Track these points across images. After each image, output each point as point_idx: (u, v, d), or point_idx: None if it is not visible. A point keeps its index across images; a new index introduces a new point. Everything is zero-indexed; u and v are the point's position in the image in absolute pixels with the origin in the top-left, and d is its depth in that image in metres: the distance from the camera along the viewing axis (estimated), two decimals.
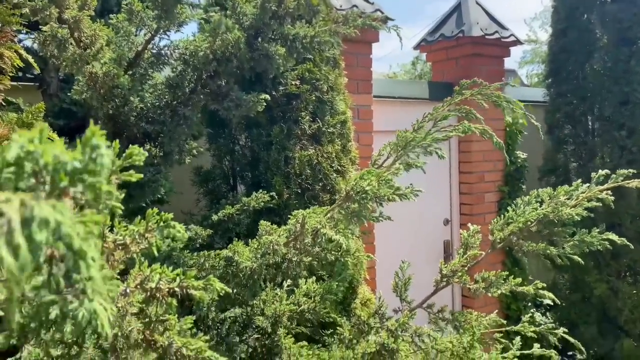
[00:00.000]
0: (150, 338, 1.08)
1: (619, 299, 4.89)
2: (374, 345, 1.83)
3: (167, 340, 1.05)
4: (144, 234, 0.99)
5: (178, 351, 1.05)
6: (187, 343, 1.04)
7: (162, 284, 1.03)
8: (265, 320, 1.98)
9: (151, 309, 1.10)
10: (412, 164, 1.72)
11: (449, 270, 1.93)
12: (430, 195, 5.17)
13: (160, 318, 1.10)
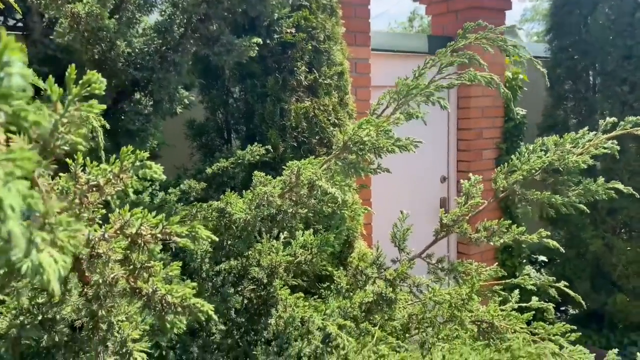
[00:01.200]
0: (135, 285, 1.02)
1: (613, 254, 4.91)
2: (371, 295, 1.79)
3: (151, 287, 1.00)
4: (119, 175, 0.91)
5: (163, 298, 0.99)
6: (171, 290, 0.99)
7: (143, 230, 0.96)
8: (260, 271, 1.93)
9: (134, 256, 1.04)
10: (414, 114, 1.64)
11: (449, 219, 1.88)
12: (427, 152, 5.10)
13: (144, 265, 1.04)
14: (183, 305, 1.01)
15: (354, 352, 1.46)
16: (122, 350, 1.14)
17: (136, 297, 1.05)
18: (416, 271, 2.07)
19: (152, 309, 1.04)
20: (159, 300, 1.03)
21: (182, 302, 1.01)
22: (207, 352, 1.87)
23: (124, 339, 1.16)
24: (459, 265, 2.01)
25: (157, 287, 1.01)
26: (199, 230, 0.97)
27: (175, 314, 1.02)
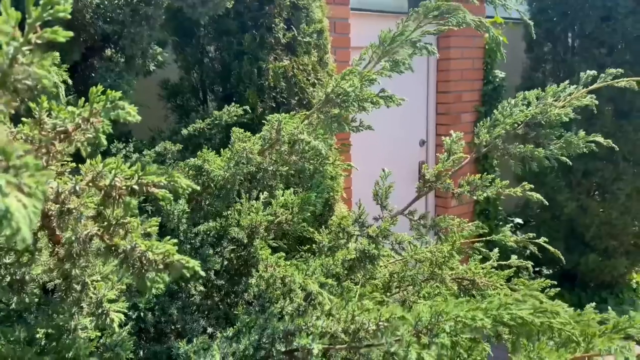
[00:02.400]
0: (111, 243, 0.97)
1: (587, 216, 5.01)
2: (354, 252, 1.77)
3: (129, 244, 0.94)
4: (89, 119, 0.84)
5: (142, 256, 0.94)
6: (152, 246, 0.93)
7: (117, 181, 0.90)
8: (240, 231, 1.89)
9: (109, 211, 0.98)
10: (400, 61, 1.58)
11: (431, 175, 1.85)
12: (406, 116, 5.06)
13: (120, 221, 0.98)
14: (165, 263, 0.96)
15: (338, 308, 1.44)
16: (97, 311, 1.10)
17: (112, 255, 0.99)
18: (398, 229, 2.06)
19: (131, 267, 0.99)
20: (138, 257, 0.98)
21: (165, 258, 0.96)
22: (187, 314, 1.84)
23: (99, 300, 1.11)
24: (441, 221, 2.00)
25: (136, 243, 0.96)
26: (177, 179, 0.91)
27: (157, 272, 0.97)
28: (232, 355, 1.49)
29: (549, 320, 1.17)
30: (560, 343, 1.22)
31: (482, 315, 1.17)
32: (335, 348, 1.40)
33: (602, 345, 1.12)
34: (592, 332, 1.21)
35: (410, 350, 1.15)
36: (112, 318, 1.06)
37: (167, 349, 1.68)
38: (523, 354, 1.13)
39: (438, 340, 1.17)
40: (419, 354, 1.14)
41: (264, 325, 1.49)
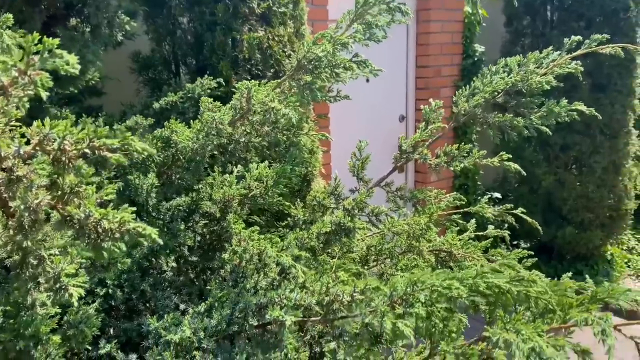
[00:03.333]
0: (64, 212, 0.90)
1: (564, 189, 5.05)
2: (329, 225, 1.73)
3: (83, 212, 0.88)
4: (26, 71, 0.77)
5: (98, 224, 0.88)
6: (107, 214, 0.87)
7: (66, 145, 0.83)
8: (213, 205, 1.83)
9: (61, 180, 0.91)
10: (373, 23, 1.51)
11: (408, 145, 1.81)
12: (386, 91, 5.01)
13: (75, 189, 0.92)
14: (121, 231, 0.90)
15: (312, 281, 1.40)
16: (55, 286, 1.04)
17: (67, 225, 0.93)
18: (375, 202, 2.02)
19: (86, 237, 0.93)
20: (93, 226, 0.92)
21: (120, 226, 0.90)
22: (159, 290, 1.79)
23: (57, 274, 1.05)
24: (419, 193, 1.97)
25: (90, 211, 0.90)
26: (132, 142, 0.85)
27: (113, 241, 0.91)
28: (203, 330, 1.45)
29: (526, 289, 1.14)
30: (537, 313, 1.20)
31: (458, 284, 1.14)
32: (310, 320, 1.37)
33: (579, 316, 1.11)
34: (569, 302, 1.20)
35: (384, 321, 1.12)
36: (71, 293, 1.00)
37: (137, 326, 1.63)
38: (499, 325, 1.11)
39: (413, 310, 1.14)
40: (393, 324, 1.11)
41: (236, 300, 1.45)
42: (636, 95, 5.07)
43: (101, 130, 0.84)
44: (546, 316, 1.19)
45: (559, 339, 1.08)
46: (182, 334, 1.41)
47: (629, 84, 4.96)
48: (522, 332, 1.05)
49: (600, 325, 1.07)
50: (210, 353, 1.39)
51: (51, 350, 1.25)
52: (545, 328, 1.13)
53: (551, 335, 1.12)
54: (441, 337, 1.18)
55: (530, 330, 1.05)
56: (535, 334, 1.05)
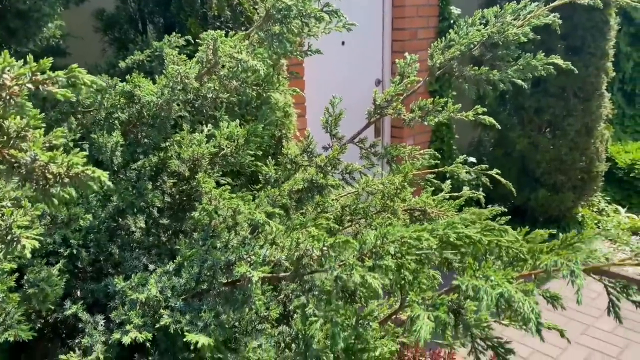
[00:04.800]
0: (9, 157, 0.84)
1: (538, 152, 5.10)
2: (301, 182, 1.70)
3: (30, 156, 0.82)
4: None
5: (45, 169, 0.82)
6: (54, 158, 0.82)
7: (6, 79, 0.77)
8: (182, 164, 1.78)
9: (6, 123, 0.85)
10: None
11: (382, 99, 1.77)
12: (361, 54, 4.93)
13: (21, 133, 0.86)
14: (70, 175, 0.85)
15: (282, 236, 1.37)
16: (7, 237, 0.98)
17: (14, 171, 0.87)
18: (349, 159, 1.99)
19: (34, 183, 0.88)
20: (40, 171, 0.86)
21: (69, 171, 0.84)
22: (126, 251, 1.74)
23: (8, 226, 0.99)
24: (392, 149, 1.94)
25: (36, 154, 0.84)
26: (79, 75, 0.79)
27: (62, 186, 0.86)
28: (171, 289, 1.42)
29: (497, 238, 1.14)
30: (507, 262, 1.20)
31: (428, 235, 1.13)
32: (279, 276, 1.35)
33: (548, 260, 1.11)
34: (540, 249, 1.20)
35: (353, 273, 1.10)
36: (24, 244, 0.95)
37: (104, 287, 1.59)
38: (469, 273, 1.10)
39: (382, 262, 1.13)
40: (362, 276, 1.09)
41: (205, 257, 1.42)
42: (609, 58, 5.09)
43: (44, 62, 0.78)
44: (517, 264, 1.19)
45: (528, 285, 1.08)
46: (148, 292, 1.38)
47: (602, 46, 4.97)
48: (491, 278, 1.04)
49: (569, 267, 1.07)
50: (178, 311, 1.36)
51: (10, 309, 1.20)
52: (515, 275, 1.13)
53: (521, 282, 1.12)
54: (411, 289, 1.17)
55: (499, 277, 1.05)
56: (504, 280, 1.04)
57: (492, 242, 1.14)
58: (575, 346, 4.31)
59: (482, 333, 1.27)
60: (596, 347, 4.26)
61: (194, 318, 1.33)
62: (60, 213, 1.40)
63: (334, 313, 1.15)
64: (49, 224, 1.39)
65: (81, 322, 1.51)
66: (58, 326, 1.68)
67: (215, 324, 1.31)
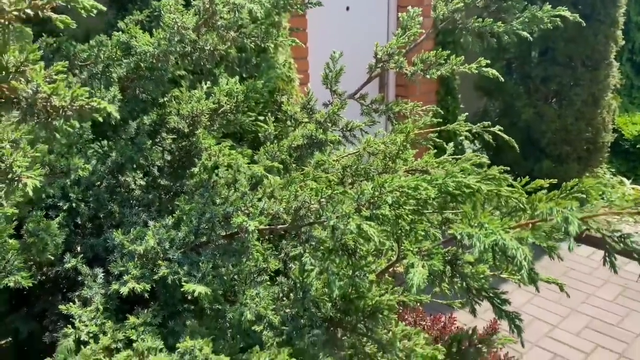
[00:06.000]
0: (9, 92, 0.83)
1: (543, 122, 5.05)
2: (300, 138, 1.68)
3: (31, 88, 0.81)
4: None
5: (47, 102, 0.81)
6: (57, 89, 0.80)
7: (5, 4, 0.75)
8: (181, 120, 1.76)
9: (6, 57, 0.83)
10: None
11: (384, 53, 1.74)
12: (367, 20, 4.84)
13: (20, 68, 0.84)
14: (74, 108, 0.84)
15: (280, 189, 1.36)
16: (7, 177, 0.97)
17: (12, 105, 0.86)
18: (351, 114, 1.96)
19: (36, 117, 0.86)
20: (42, 105, 0.85)
21: (73, 102, 0.83)
22: (126, 207, 1.74)
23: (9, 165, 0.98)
24: (394, 105, 1.92)
25: (39, 85, 0.82)
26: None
27: (65, 119, 0.84)
28: (170, 242, 1.42)
29: (496, 188, 1.12)
30: (506, 213, 1.19)
31: (426, 184, 1.11)
32: (277, 228, 1.34)
33: (545, 207, 1.09)
34: (539, 198, 1.18)
35: (349, 222, 1.09)
36: (25, 182, 0.94)
37: (103, 241, 1.59)
38: (464, 222, 1.09)
39: (379, 212, 1.12)
40: (358, 225, 1.09)
41: (203, 210, 1.41)
42: (619, 26, 4.99)
43: None
44: (515, 215, 1.18)
45: (523, 232, 1.07)
46: (146, 244, 1.38)
47: (612, 14, 4.86)
48: (485, 226, 1.03)
49: (563, 213, 1.06)
50: (176, 263, 1.37)
51: (9, 256, 1.21)
52: (513, 224, 1.12)
53: (517, 230, 1.11)
54: (407, 239, 1.16)
55: (495, 225, 1.04)
56: (499, 229, 1.03)
57: (491, 192, 1.12)
58: (576, 314, 4.34)
59: (479, 284, 1.27)
60: (596, 316, 4.29)
61: (192, 269, 1.34)
62: (59, 163, 1.39)
63: (330, 263, 1.14)
64: (49, 173, 1.38)
65: (81, 275, 1.52)
66: (59, 281, 1.69)
67: (213, 275, 1.31)
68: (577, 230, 1.06)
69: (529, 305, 4.34)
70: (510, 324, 1.33)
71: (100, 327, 1.32)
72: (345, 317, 1.33)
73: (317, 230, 1.25)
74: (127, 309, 1.57)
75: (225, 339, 1.37)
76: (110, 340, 1.26)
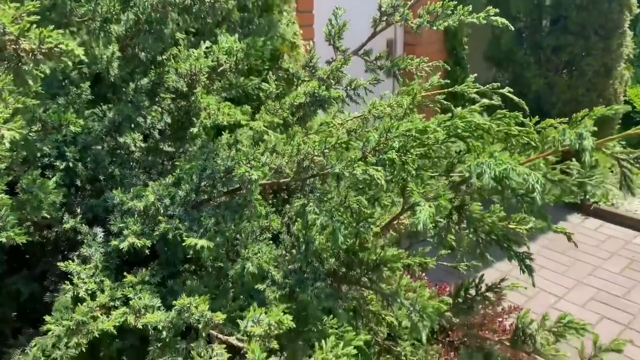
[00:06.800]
0: None
1: (554, 93, 4.95)
2: (302, 96, 1.62)
3: None
4: None
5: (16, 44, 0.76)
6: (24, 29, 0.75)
7: None
8: (179, 79, 1.71)
9: None
10: None
11: (388, 5, 1.67)
12: None
13: None
14: (43, 51, 0.79)
15: (283, 144, 1.31)
16: None
17: None
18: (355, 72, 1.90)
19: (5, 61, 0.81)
20: (11, 47, 0.80)
21: (41, 46, 0.78)
22: (126, 169, 1.70)
23: None
24: (400, 62, 1.85)
25: (5, 26, 0.77)
26: None
27: (35, 63, 0.80)
28: (170, 199, 1.37)
29: (507, 127, 1.06)
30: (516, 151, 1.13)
31: (435, 126, 1.06)
32: (280, 182, 1.30)
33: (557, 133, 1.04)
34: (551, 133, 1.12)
35: (355, 168, 1.04)
36: (3, 134, 0.90)
37: (103, 201, 1.55)
38: (473, 156, 1.03)
39: (386, 156, 1.06)
40: (364, 170, 1.03)
41: (204, 166, 1.37)
42: None
43: None
44: (525, 153, 1.13)
45: (536, 162, 1.02)
46: (146, 200, 1.34)
47: None
48: (496, 155, 0.98)
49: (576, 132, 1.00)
50: (177, 219, 1.32)
51: (2, 213, 1.17)
52: (523, 159, 1.07)
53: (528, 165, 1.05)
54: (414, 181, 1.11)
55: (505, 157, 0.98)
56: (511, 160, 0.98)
57: (501, 131, 1.07)
58: (581, 286, 4.30)
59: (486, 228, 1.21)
60: (602, 288, 4.24)
61: (194, 225, 1.30)
62: (50, 118, 1.35)
63: (335, 211, 1.10)
64: (40, 130, 1.34)
65: (80, 234, 1.49)
66: (59, 243, 1.66)
67: (215, 230, 1.27)
68: (592, 145, 1.00)
69: (535, 277, 4.31)
70: (521, 265, 1.28)
71: (99, 284, 1.29)
72: (349, 271, 1.29)
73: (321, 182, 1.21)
74: (128, 270, 1.54)
75: (227, 299, 1.34)
76: (108, 298, 1.23)
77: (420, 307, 1.06)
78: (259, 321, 1.02)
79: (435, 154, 1.11)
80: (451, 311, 1.45)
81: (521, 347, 1.34)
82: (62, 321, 1.17)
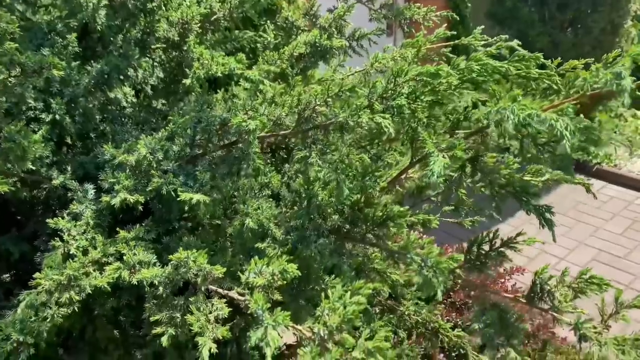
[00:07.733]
0: None
1: (558, 52, 4.82)
2: (303, 46, 1.53)
3: None
4: None
5: None
6: None
7: None
8: (170, 28, 1.61)
9: None
10: None
11: None
12: None
13: None
14: None
15: (282, 95, 1.23)
16: None
17: None
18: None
19: None
20: None
21: None
22: (118, 125, 1.62)
23: None
24: (406, 10, 1.75)
25: None
26: None
27: None
28: (164, 153, 1.30)
29: (526, 70, 0.98)
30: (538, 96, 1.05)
31: (448, 69, 0.98)
32: (279, 134, 1.22)
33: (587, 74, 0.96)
34: (575, 76, 1.04)
35: (361, 115, 0.97)
36: None
37: (93, 157, 1.48)
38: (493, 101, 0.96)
39: (394, 102, 0.99)
40: (371, 118, 0.96)
41: (198, 117, 1.29)
42: None
43: None
44: (547, 98, 1.05)
45: (563, 106, 0.94)
46: (138, 154, 1.26)
47: None
48: (519, 100, 0.90)
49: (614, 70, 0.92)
50: (171, 174, 1.25)
51: None
52: (546, 105, 0.99)
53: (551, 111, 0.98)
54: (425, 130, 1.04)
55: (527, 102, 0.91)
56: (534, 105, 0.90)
57: (520, 74, 0.99)
58: (583, 247, 4.28)
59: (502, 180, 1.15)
60: (604, 248, 4.23)
61: (189, 179, 1.23)
62: (30, 60, 1.25)
63: (339, 163, 1.03)
64: (19, 74, 1.25)
65: (70, 191, 1.41)
66: (50, 202, 1.59)
67: (211, 185, 1.20)
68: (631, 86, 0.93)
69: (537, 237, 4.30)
70: (540, 218, 1.23)
71: (91, 241, 1.23)
72: (354, 227, 1.23)
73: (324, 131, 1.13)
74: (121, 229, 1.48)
75: (225, 256, 1.28)
76: (101, 254, 1.17)
77: (433, 262, 1.00)
78: (261, 272, 0.96)
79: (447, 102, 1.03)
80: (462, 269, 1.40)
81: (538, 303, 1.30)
82: (52, 276, 1.12)
